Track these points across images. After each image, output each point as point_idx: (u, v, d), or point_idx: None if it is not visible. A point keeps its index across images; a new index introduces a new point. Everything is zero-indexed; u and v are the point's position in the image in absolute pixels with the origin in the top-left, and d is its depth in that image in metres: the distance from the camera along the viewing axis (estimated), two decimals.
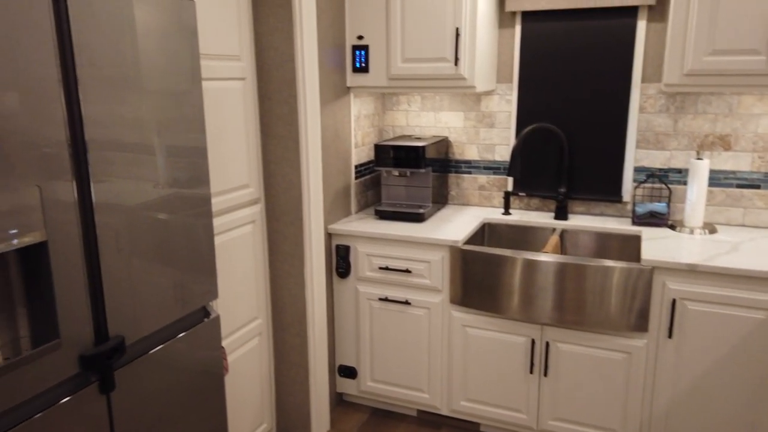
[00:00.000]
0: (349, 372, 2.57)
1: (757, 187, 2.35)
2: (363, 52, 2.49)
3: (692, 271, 1.95)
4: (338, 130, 2.49)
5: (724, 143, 2.37)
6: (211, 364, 1.65)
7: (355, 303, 2.50)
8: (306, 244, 2.25)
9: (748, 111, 2.31)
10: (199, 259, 1.57)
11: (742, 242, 2.16)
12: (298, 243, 2.26)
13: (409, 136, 2.82)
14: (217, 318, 1.66)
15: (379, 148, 2.54)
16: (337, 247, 2.46)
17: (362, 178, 2.75)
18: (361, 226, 2.45)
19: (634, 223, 2.44)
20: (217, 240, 2.01)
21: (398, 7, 2.38)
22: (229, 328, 2.11)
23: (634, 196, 2.51)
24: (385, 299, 2.42)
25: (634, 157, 2.51)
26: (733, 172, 2.38)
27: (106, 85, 1.25)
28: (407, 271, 2.35)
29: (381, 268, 2.40)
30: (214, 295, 1.65)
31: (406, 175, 2.64)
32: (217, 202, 1.98)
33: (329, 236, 2.47)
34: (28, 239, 1.12)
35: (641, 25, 2.41)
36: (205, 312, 1.65)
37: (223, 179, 2.01)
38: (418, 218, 2.51)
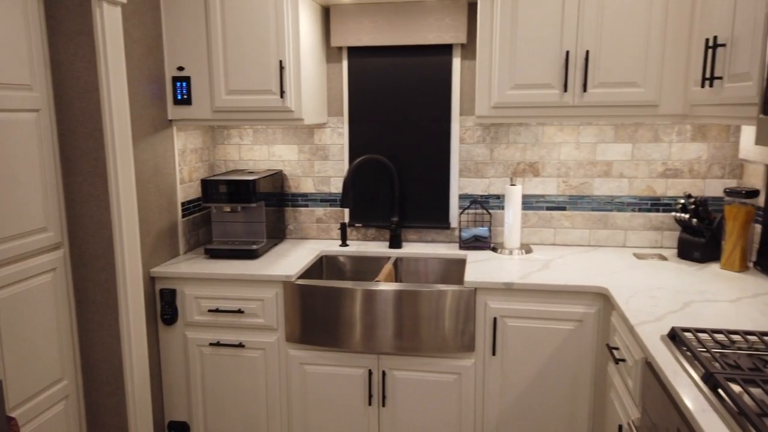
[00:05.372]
0: (181, 428, 2.35)
1: (563, 208, 2.59)
2: (184, 84, 2.37)
3: (508, 290, 2.07)
4: (159, 166, 2.32)
5: (534, 170, 2.59)
6: None
7: (183, 351, 2.30)
8: (120, 291, 2.04)
9: (551, 140, 2.55)
10: None
11: (553, 260, 2.35)
12: (110, 290, 2.03)
13: (242, 170, 2.73)
14: None
15: (206, 183, 2.41)
16: (162, 291, 2.26)
17: (191, 216, 2.58)
18: (187, 267, 2.29)
19: (461, 247, 2.56)
20: (5, 293, 1.73)
21: (219, 38, 2.31)
22: (24, 394, 1.82)
23: (460, 222, 2.64)
24: (217, 344, 2.26)
25: (458, 185, 2.65)
26: (543, 196, 2.60)
27: None
28: (240, 311, 2.23)
29: (211, 311, 2.24)
30: None
31: (238, 210, 2.53)
32: (3, 250, 1.72)
33: (152, 280, 2.27)
34: None
35: (456, 62, 2.58)
36: None
37: (12, 223, 1.75)
38: (252, 255, 2.41)
